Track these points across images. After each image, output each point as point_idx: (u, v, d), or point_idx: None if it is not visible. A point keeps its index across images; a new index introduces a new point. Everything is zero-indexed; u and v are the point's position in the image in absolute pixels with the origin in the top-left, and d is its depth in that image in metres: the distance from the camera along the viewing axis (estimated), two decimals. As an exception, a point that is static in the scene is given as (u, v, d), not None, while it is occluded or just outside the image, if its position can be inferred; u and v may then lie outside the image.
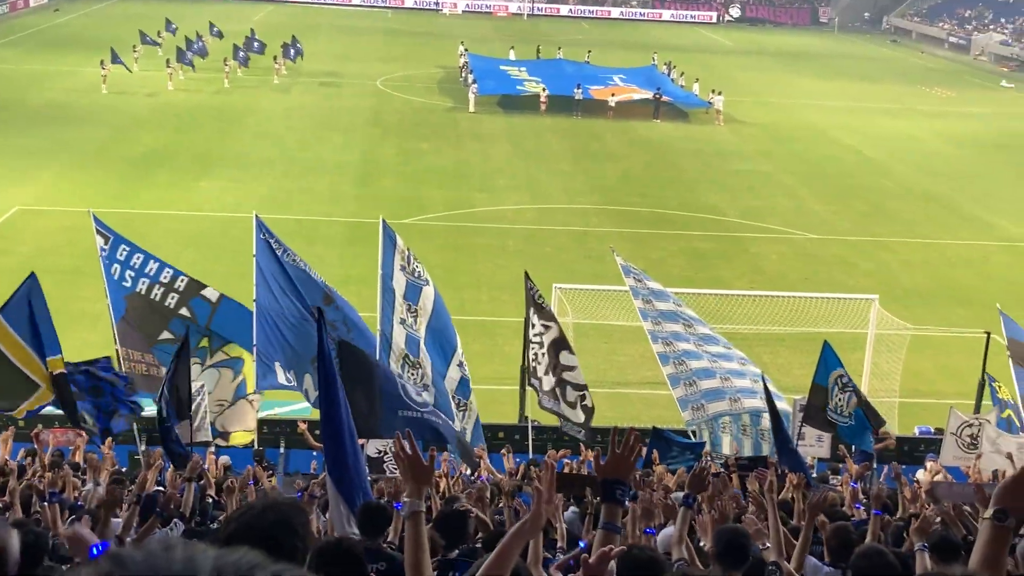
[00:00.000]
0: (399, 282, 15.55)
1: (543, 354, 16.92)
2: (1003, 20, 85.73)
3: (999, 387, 17.18)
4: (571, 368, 16.67)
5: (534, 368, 17.25)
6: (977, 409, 18.29)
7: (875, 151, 46.83)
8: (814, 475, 14.84)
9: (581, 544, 7.71)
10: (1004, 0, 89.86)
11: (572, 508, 10.98)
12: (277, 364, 14.24)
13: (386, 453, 14.31)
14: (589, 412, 16.58)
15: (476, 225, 32.92)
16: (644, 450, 14.08)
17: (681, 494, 7.78)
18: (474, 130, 46.81)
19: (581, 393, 16.62)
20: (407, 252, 15.82)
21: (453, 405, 15.46)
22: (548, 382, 16.87)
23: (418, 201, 34.80)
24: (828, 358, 15.53)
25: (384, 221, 15.93)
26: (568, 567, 6.61)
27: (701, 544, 7.77)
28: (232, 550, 1.69)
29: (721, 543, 6.55)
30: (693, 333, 17.52)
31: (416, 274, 15.82)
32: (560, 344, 16.82)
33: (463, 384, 15.96)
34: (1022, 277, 30.49)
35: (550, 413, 17.27)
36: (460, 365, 16.05)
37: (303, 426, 16.09)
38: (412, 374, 15.22)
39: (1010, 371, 17.24)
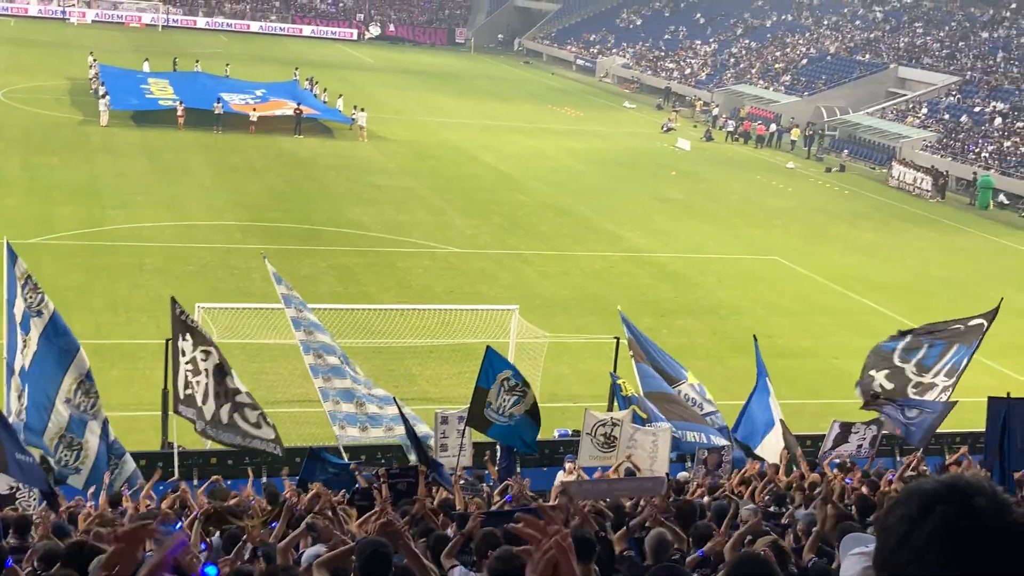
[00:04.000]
0: (19, 309, 14.46)
1: (201, 381, 16.10)
2: (624, 44, 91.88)
3: (623, 384, 18.33)
4: (239, 391, 16.06)
5: (189, 396, 16.36)
6: (610, 409, 19.41)
7: (512, 168, 48.82)
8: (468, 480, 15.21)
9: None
10: (625, 27, 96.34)
11: None
12: None
13: (18, 489, 13.34)
14: (274, 427, 16.14)
15: (111, 244, 31.36)
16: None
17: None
18: (108, 144, 44.59)
19: (259, 412, 16.11)
20: (27, 278, 14.67)
21: (53, 445, 14.37)
22: (217, 410, 15.99)
23: (47, 219, 32.69)
24: (493, 361, 15.86)
25: (8, 243, 14.84)
26: None
27: None
28: None
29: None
30: (340, 348, 17.51)
31: (31, 302, 14.59)
32: (223, 369, 16.10)
33: (76, 422, 14.76)
34: (644, 284, 32.78)
35: (214, 440, 16.56)
36: (67, 402, 14.68)
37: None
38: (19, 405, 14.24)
39: (633, 369, 18.53)
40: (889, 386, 17.41)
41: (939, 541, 2.12)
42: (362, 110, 52.10)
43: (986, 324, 17.59)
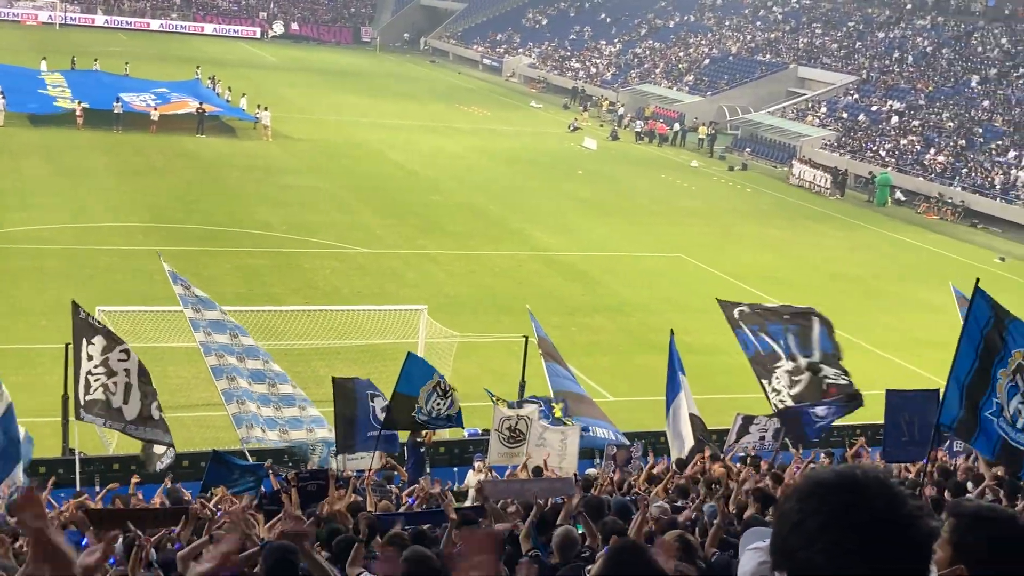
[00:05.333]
0: None
1: (120, 382, 15.74)
2: (531, 44, 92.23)
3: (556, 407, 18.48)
4: (155, 393, 15.93)
5: (92, 401, 15.96)
6: (520, 405, 19.47)
7: (421, 167, 48.70)
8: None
9: None
10: (531, 26, 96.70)
11: None
12: None
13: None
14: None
15: (9, 247, 30.52)
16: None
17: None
18: (4, 145, 43.38)
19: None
20: None
21: None
22: (147, 408, 15.80)
23: (-61, 222, 31.76)
24: (416, 367, 15.78)
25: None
26: None
27: None
28: None
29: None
30: (239, 345, 17.28)
31: None
32: (144, 369, 15.92)
33: None
34: (552, 283, 32.97)
35: (139, 439, 16.29)
36: None
37: None
38: None
39: (543, 367, 18.62)
40: (793, 392, 17.74)
41: (829, 528, 2.18)
42: (266, 109, 51.53)
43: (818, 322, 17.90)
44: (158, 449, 16.15)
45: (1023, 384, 11.05)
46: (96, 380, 15.92)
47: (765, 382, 17.82)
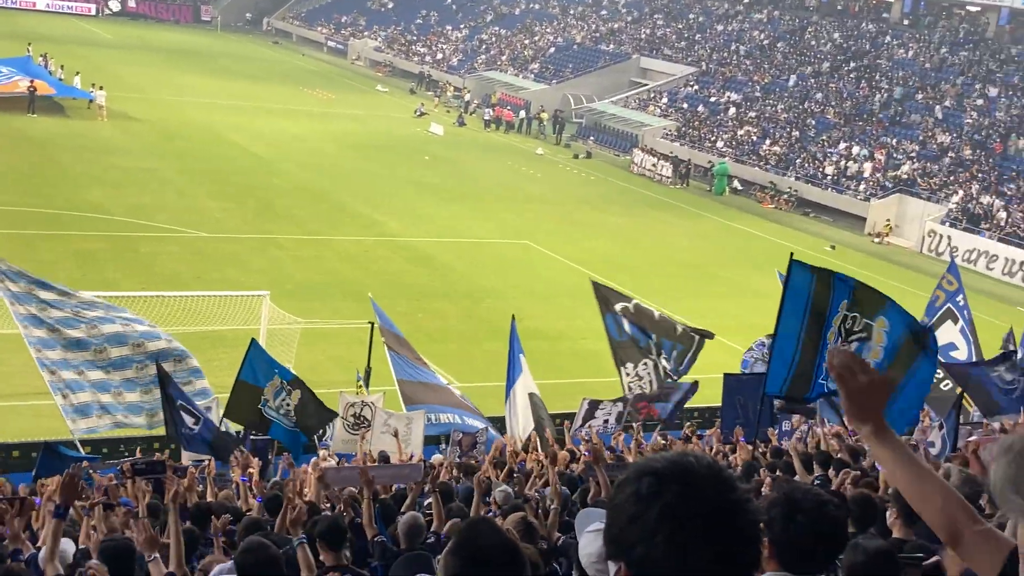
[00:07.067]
0: None
1: None
2: (376, 27, 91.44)
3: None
4: None
5: None
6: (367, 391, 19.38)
7: (264, 150, 47.81)
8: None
9: None
10: (376, 9, 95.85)
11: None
12: None
13: None
14: None
15: None
16: None
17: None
18: None
19: None
20: None
21: None
22: None
23: None
24: (259, 358, 15.45)
25: None
26: None
27: None
28: None
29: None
30: (62, 339, 16.62)
31: None
32: None
33: None
34: (399, 268, 32.84)
35: None
36: None
37: None
38: None
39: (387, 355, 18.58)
40: (647, 377, 18.12)
41: (667, 519, 2.20)
42: (100, 88, 49.79)
43: (695, 341, 18.39)
44: None
45: (842, 329, 11.38)
46: None
47: (628, 367, 18.19)
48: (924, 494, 3.13)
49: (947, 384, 17.91)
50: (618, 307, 18.60)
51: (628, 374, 18.23)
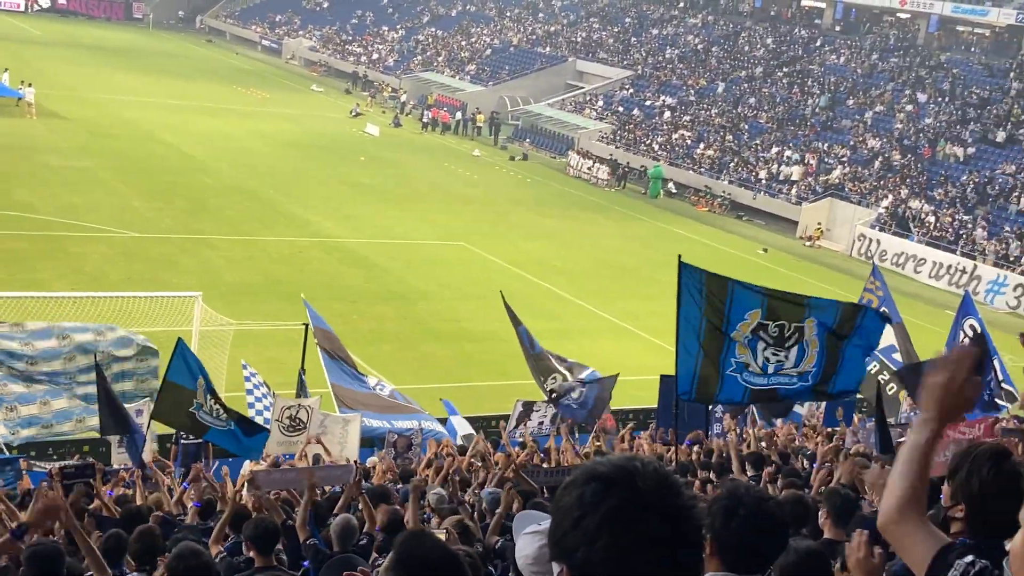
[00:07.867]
0: None
1: None
2: (311, 27, 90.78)
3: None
4: None
5: None
6: (299, 395, 19.17)
7: (196, 149, 47.24)
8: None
9: None
10: (311, 8, 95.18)
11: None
12: None
13: None
14: None
15: None
16: None
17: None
18: None
19: None
20: None
21: None
22: None
23: None
24: (187, 358, 15.14)
25: None
26: None
27: None
28: None
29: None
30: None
31: None
32: None
33: None
34: (333, 270, 32.62)
35: None
36: None
37: None
38: None
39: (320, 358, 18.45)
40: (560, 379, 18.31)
41: (610, 524, 2.19)
42: (29, 85, 48.89)
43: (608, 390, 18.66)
44: None
45: (765, 336, 11.48)
46: None
47: (542, 378, 18.41)
48: (918, 473, 3.25)
49: (892, 388, 18.15)
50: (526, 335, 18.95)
51: (545, 383, 18.48)
